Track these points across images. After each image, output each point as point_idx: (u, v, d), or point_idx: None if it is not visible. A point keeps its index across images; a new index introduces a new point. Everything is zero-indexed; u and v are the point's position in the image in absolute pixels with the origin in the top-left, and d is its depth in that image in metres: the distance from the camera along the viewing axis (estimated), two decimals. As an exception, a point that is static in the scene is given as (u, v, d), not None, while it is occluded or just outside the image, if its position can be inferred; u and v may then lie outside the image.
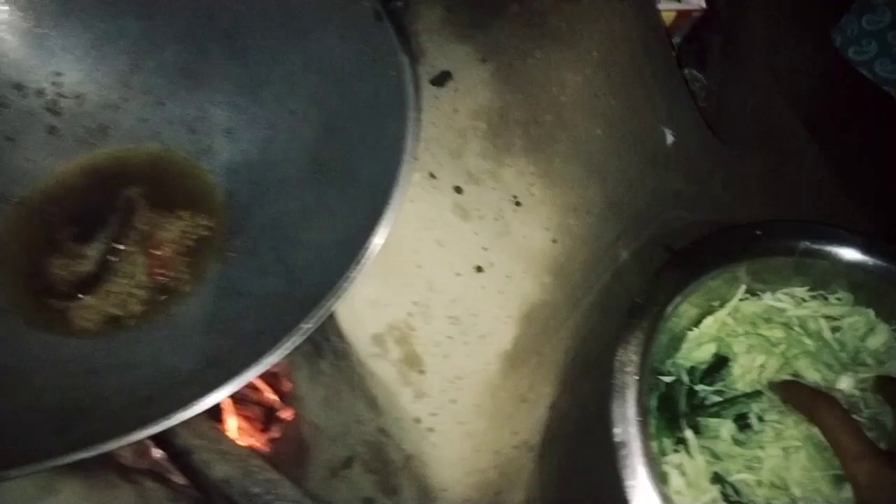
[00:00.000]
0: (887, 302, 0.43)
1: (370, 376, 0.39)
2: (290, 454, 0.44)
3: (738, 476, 0.39)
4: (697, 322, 0.45)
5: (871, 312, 0.44)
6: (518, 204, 0.47)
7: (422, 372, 0.40)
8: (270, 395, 0.50)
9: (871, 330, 0.44)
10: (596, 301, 0.45)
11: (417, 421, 0.39)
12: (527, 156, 0.49)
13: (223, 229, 0.43)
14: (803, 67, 0.55)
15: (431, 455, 0.38)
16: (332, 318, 0.39)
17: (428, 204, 0.45)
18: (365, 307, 0.40)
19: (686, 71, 0.59)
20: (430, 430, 0.39)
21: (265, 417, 0.50)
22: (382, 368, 0.39)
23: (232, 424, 0.47)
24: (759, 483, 0.39)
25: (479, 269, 0.44)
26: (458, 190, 0.47)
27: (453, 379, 0.40)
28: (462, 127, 0.50)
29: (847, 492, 0.37)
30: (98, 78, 0.47)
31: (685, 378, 0.43)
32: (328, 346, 0.42)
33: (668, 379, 0.43)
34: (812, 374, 0.42)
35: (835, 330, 0.44)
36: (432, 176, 0.47)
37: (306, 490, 0.40)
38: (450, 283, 0.42)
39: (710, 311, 0.46)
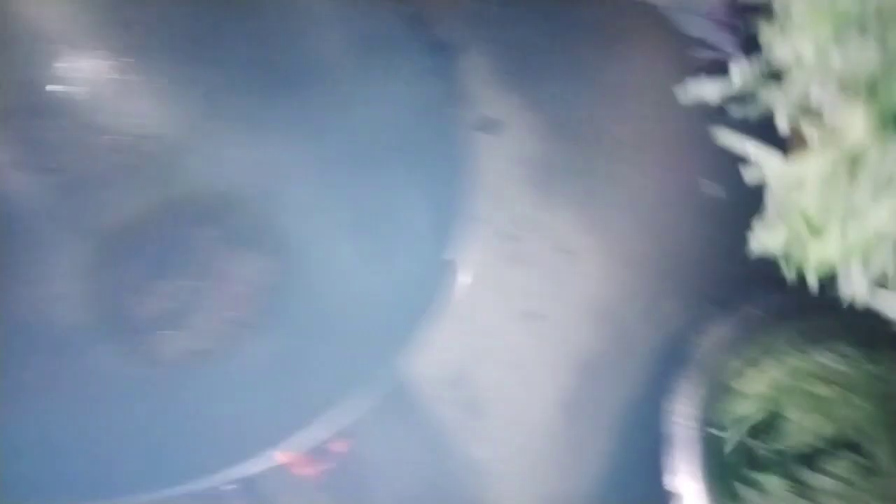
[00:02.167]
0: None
1: (431, 419, 0.41)
2: (344, 488, 0.45)
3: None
4: (741, 373, 0.46)
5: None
6: (569, 253, 0.49)
7: (481, 416, 0.41)
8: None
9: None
10: (646, 351, 0.47)
11: (476, 464, 0.41)
12: (577, 206, 0.51)
13: (293, 270, 0.45)
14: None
15: (493, 500, 0.40)
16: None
17: (481, 250, 0.47)
18: (423, 349, 0.41)
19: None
20: (489, 473, 0.41)
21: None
22: (443, 411, 0.41)
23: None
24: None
25: (533, 316, 0.46)
26: (510, 237, 0.49)
27: (513, 425, 0.42)
28: (513, 175, 0.52)
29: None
30: (174, 122, 0.50)
31: (734, 431, 0.44)
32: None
33: (717, 432, 0.44)
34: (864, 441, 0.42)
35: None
36: (485, 222, 0.49)
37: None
38: (505, 329, 0.44)
39: (754, 364, 0.47)
